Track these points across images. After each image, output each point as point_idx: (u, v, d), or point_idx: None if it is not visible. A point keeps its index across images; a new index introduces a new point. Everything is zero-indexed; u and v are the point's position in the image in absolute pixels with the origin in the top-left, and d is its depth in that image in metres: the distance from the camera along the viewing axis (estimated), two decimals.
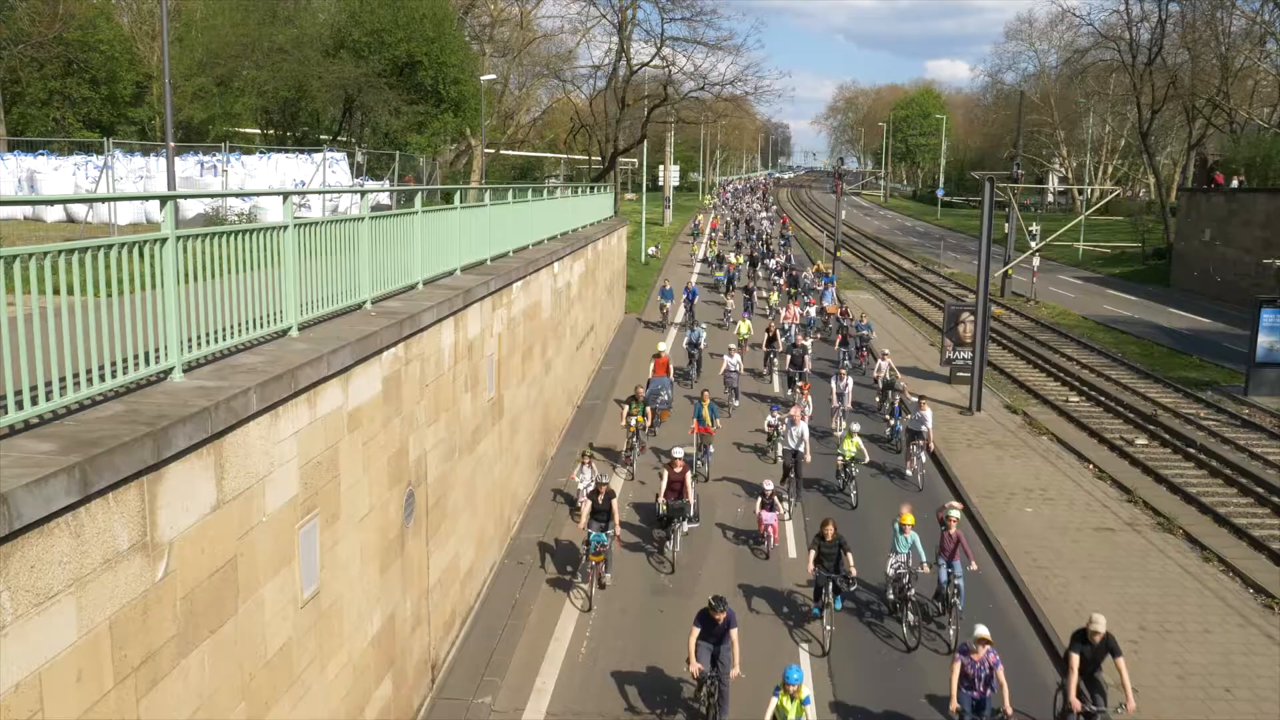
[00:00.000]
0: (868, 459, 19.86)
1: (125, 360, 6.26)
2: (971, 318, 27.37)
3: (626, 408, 21.02)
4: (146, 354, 6.51)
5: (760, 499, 16.98)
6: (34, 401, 5.44)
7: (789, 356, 27.06)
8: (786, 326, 32.41)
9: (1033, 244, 47.17)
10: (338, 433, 8.98)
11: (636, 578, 16.05)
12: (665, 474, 16.62)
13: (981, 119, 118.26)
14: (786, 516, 18.32)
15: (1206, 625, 14.55)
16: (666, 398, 23.30)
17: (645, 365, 26.63)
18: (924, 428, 20.29)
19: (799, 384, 24.47)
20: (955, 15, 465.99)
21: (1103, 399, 27.40)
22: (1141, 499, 19.62)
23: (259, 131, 48.01)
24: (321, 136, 45.37)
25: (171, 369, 6.89)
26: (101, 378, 6.04)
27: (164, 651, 6.13)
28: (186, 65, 38.26)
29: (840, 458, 19.49)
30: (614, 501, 15.08)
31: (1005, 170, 51.37)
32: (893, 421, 23.02)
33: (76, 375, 5.79)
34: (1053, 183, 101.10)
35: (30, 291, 5.28)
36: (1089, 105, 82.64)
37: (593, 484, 16.19)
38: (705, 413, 20.29)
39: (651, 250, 59.35)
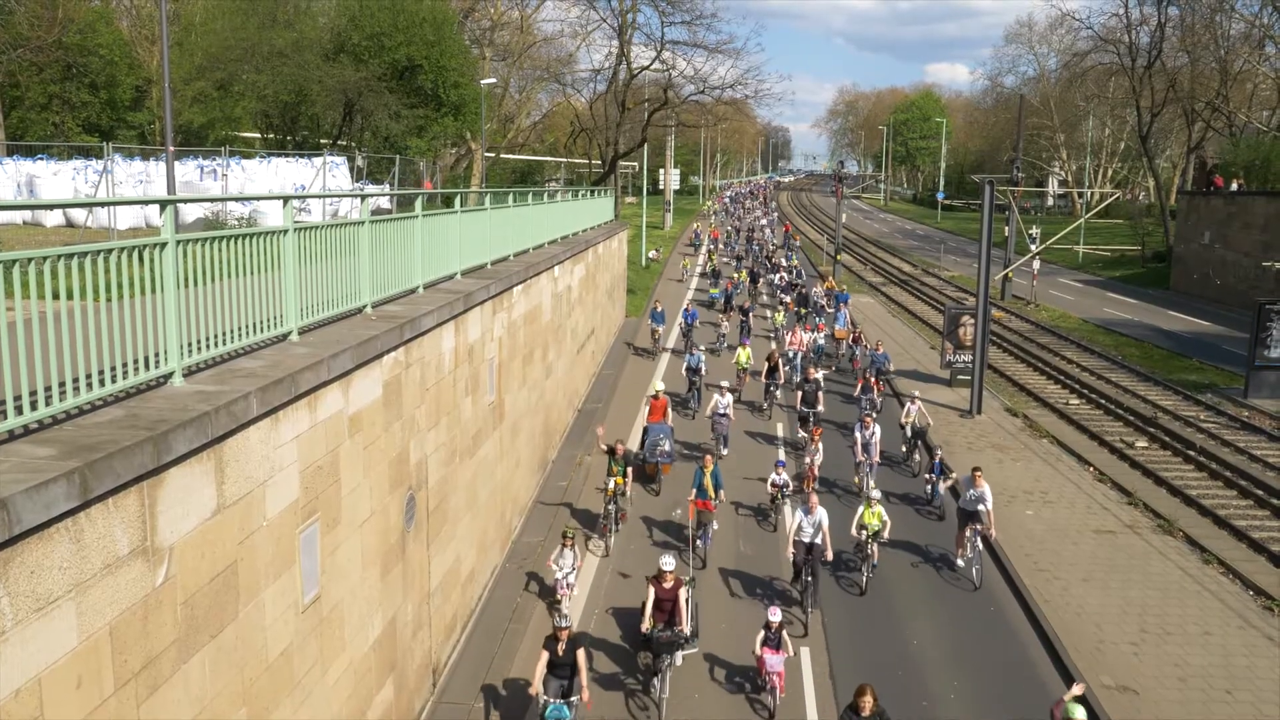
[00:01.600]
0: (887, 535, 16.08)
1: (125, 365, 6.26)
2: (972, 321, 27.37)
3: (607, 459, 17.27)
4: (146, 359, 6.50)
5: (763, 633, 12.18)
6: (34, 406, 5.44)
7: (800, 393, 23.09)
8: (791, 354, 28.44)
9: (1033, 247, 47.28)
10: (338, 437, 8.98)
11: None
12: (652, 588, 12.58)
13: (981, 122, 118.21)
14: (805, 621, 14.56)
15: (1207, 627, 14.55)
16: (668, 448, 19.45)
17: (645, 368, 26.10)
18: (982, 507, 16.44)
19: (810, 428, 20.82)
20: (955, 18, 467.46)
21: (1103, 402, 27.39)
22: (1142, 501, 19.63)
23: (259, 136, 48.01)
24: (321, 140, 45.35)
25: (171, 373, 6.89)
26: (101, 382, 6.03)
27: (164, 657, 6.12)
28: (186, 69, 38.25)
29: (864, 531, 15.86)
30: (580, 653, 11.15)
31: (1005, 173, 51.38)
32: (932, 479, 19.41)
33: (76, 380, 5.79)
34: (1053, 186, 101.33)
35: (30, 296, 5.29)
36: (1089, 108, 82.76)
37: (573, 570, 14.24)
38: (707, 482, 16.44)
39: (652, 254, 59.34)
